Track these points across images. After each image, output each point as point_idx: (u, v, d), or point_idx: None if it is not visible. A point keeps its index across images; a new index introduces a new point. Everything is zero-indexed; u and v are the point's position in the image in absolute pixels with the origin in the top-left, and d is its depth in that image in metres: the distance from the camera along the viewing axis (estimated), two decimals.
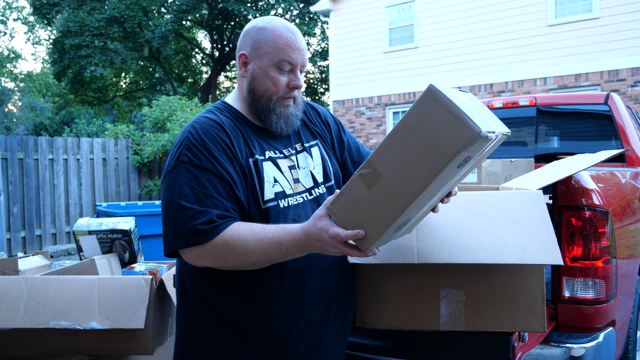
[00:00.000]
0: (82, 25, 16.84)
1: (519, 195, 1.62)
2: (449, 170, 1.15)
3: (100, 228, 2.41)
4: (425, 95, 1.12)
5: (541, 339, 1.91)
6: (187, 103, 10.57)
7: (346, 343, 1.71)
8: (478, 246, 1.47)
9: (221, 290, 1.49)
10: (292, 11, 20.97)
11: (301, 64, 1.53)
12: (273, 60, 1.49)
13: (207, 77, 24.08)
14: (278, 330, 1.49)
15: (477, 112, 1.16)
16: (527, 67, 11.21)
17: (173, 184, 1.40)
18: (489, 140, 1.14)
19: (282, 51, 1.49)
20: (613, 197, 2.16)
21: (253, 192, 1.46)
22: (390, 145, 1.17)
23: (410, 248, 1.50)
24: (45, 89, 30.81)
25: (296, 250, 1.33)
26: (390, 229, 1.23)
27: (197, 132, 1.44)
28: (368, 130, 13.47)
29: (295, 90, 1.55)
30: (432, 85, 1.12)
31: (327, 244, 1.26)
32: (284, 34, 1.49)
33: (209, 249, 1.35)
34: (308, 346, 1.53)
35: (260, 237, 1.33)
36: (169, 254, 1.42)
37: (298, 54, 1.50)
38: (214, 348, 1.50)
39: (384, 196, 1.19)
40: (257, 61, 1.51)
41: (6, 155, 8.01)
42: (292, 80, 1.52)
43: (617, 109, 3.62)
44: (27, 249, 8.17)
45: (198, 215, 1.35)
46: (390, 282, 1.66)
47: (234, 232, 1.35)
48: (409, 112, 1.15)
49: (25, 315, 1.93)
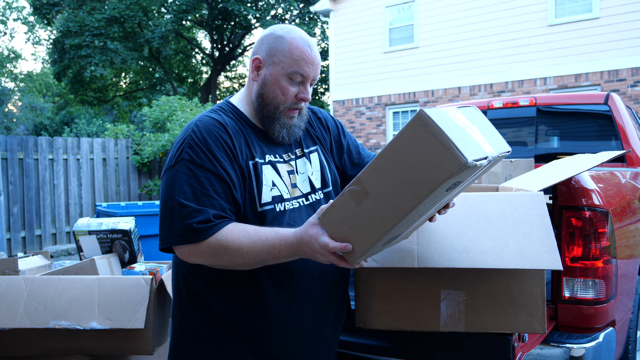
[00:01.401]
0: (82, 25, 16.84)
1: (520, 197, 1.61)
2: (436, 194, 1.15)
3: (100, 228, 2.41)
4: (415, 119, 1.11)
5: (541, 339, 1.91)
6: (187, 103, 10.56)
7: (336, 347, 1.73)
8: (478, 250, 1.47)
9: (213, 290, 1.51)
10: (292, 11, 20.97)
11: (313, 77, 1.54)
12: (286, 70, 1.50)
13: (207, 77, 24.08)
14: (267, 331, 1.51)
15: (469, 137, 1.15)
16: (527, 67, 11.21)
17: (173, 180, 1.42)
18: (478, 168, 1.13)
19: (296, 63, 1.50)
20: (613, 197, 2.16)
21: (250, 195, 1.47)
22: (380, 166, 1.18)
23: (410, 252, 1.50)
24: (45, 89, 30.82)
25: (288, 254, 1.35)
26: (377, 245, 1.24)
27: (200, 130, 1.46)
28: (368, 130, 13.47)
29: (302, 102, 1.56)
30: (422, 111, 1.11)
31: (316, 251, 1.29)
32: (300, 46, 1.50)
33: (203, 248, 1.37)
34: (297, 348, 1.55)
35: (254, 240, 1.35)
36: (163, 249, 1.44)
37: (311, 68, 1.52)
38: (205, 345, 1.52)
39: (371, 214, 1.20)
40: (270, 68, 1.52)
41: (6, 155, 8.01)
42: (301, 92, 1.53)
43: (617, 109, 3.62)
44: (27, 249, 8.17)
45: (195, 214, 1.36)
46: (391, 283, 1.66)
47: (228, 232, 1.37)
48: (398, 134, 1.15)
49: (25, 315, 1.93)
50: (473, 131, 1.19)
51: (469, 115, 1.24)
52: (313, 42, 1.55)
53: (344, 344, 1.91)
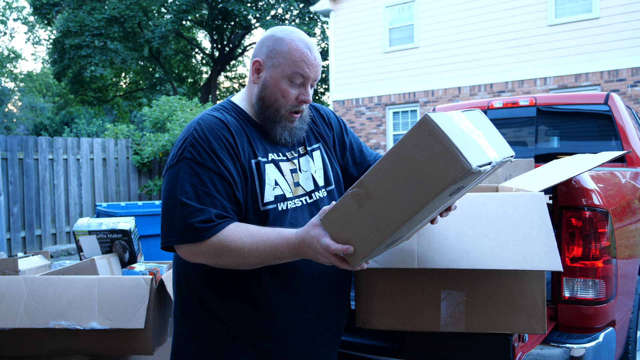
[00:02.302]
0: (82, 25, 16.84)
1: (520, 198, 1.61)
2: (440, 199, 1.15)
3: (100, 228, 2.41)
4: (419, 124, 1.11)
5: (541, 339, 1.91)
6: (187, 103, 10.57)
7: (337, 346, 1.73)
8: (478, 251, 1.47)
9: (214, 290, 1.51)
10: (292, 11, 20.97)
11: (314, 78, 1.53)
12: (286, 72, 1.50)
13: (207, 77, 24.08)
14: (269, 331, 1.50)
15: (473, 142, 1.14)
16: (527, 67, 11.21)
17: (175, 179, 1.41)
18: (482, 173, 1.13)
19: (296, 64, 1.49)
20: (613, 197, 2.16)
21: (253, 194, 1.47)
22: (383, 169, 1.17)
23: (411, 252, 1.50)
24: (45, 89, 30.81)
25: (289, 254, 1.35)
26: (378, 248, 1.24)
27: (202, 129, 1.45)
28: (368, 130, 13.47)
29: (303, 105, 1.55)
30: (427, 116, 1.10)
31: (318, 252, 1.28)
32: (300, 48, 1.49)
33: (204, 247, 1.37)
34: (299, 348, 1.55)
35: (255, 240, 1.35)
36: (165, 248, 1.44)
37: (311, 69, 1.51)
38: (206, 345, 1.52)
39: (373, 218, 1.20)
40: (270, 70, 1.51)
41: (6, 155, 8.02)
42: (302, 94, 1.52)
43: (617, 109, 3.62)
44: (27, 249, 8.17)
45: (197, 213, 1.36)
46: (391, 283, 1.66)
47: (230, 232, 1.37)
48: (403, 138, 1.14)
49: (25, 315, 1.93)
50: (477, 136, 1.18)
51: (473, 119, 1.23)
52: (313, 44, 1.54)
53: (344, 344, 1.91)
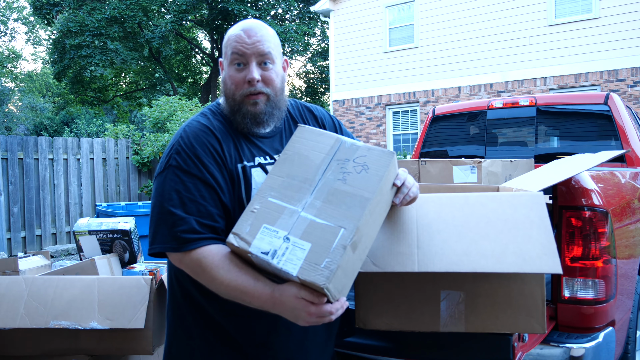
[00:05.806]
0: (82, 25, 16.84)
1: (520, 198, 1.61)
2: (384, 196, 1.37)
3: (100, 228, 2.42)
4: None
5: (541, 339, 1.91)
6: (187, 103, 10.56)
7: (330, 350, 1.70)
8: (478, 253, 1.46)
9: (204, 293, 1.49)
10: (292, 11, 20.98)
11: (253, 54, 1.47)
12: (228, 59, 1.51)
13: (207, 77, 24.07)
14: (258, 335, 1.50)
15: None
16: (527, 67, 11.21)
17: (162, 187, 1.43)
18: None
19: (232, 46, 1.49)
20: (613, 197, 2.16)
21: (239, 199, 1.47)
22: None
23: (411, 255, 1.49)
24: (45, 89, 30.82)
25: (259, 306, 1.31)
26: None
27: (187, 136, 1.47)
28: (368, 130, 13.47)
29: (260, 85, 1.49)
30: None
31: (297, 309, 1.25)
32: (235, 32, 1.50)
33: (186, 259, 1.37)
34: (288, 352, 1.54)
35: (228, 279, 1.31)
36: (152, 254, 1.45)
37: (247, 46, 1.47)
38: (197, 346, 1.52)
39: (359, 254, 1.29)
40: (225, 65, 1.54)
41: (6, 155, 8.02)
42: (247, 74, 1.48)
43: (617, 109, 3.62)
44: (27, 249, 8.18)
45: (180, 222, 1.37)
46: (391, 283, 1.66)
47: (208, 255, 1.34)
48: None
49: (26, 315, 1.93)
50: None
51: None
52: (254, 24, 1.51)
53: (344, 344, 1.91)
